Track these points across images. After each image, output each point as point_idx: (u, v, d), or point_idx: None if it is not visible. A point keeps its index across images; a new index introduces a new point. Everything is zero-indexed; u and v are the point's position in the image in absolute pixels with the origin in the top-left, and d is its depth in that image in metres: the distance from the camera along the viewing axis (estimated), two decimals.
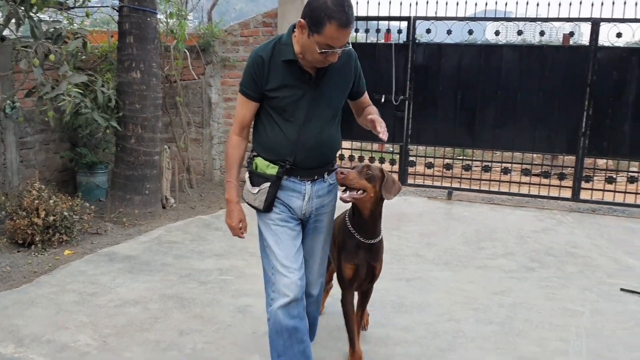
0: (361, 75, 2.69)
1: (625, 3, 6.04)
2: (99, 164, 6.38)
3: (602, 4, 6.10)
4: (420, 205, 6.66)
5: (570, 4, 6.24)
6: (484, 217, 6.19)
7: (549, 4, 6.25)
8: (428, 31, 6.75)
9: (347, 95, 2.66)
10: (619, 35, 6.12)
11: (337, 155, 2.79)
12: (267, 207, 2.54)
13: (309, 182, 2.59)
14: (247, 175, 2.61)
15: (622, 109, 6.24)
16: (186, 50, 6.76)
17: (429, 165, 7.17)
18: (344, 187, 2.62)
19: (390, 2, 6.82)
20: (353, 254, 2.85)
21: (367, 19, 7.04)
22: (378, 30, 7.04)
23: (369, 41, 7.30)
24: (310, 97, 2.48)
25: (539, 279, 4.43)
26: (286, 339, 2.53)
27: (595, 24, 6.19)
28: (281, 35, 2.50)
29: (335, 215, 2.89)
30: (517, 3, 6.46)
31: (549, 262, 4.81)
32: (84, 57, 6.02)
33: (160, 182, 5.94)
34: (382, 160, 7.29)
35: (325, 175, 2.64)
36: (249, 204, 2.60)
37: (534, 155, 6.94)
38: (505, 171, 6.86)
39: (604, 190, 6.49)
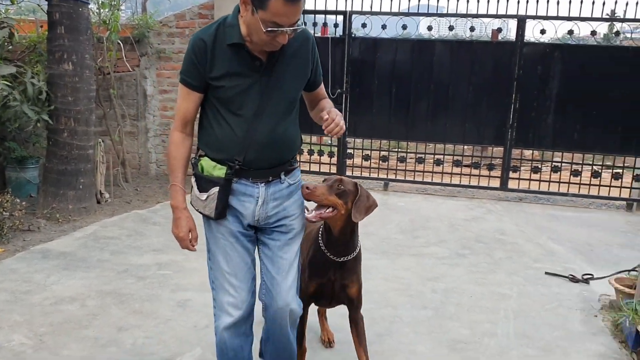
0: (319, 63, 2.39)
1: (548, 1, 6.36)
2: (30, 159, 6.16)
3: (527, 1, 6.40)
4: None
5: (498, 1, 6.53)
6: (418, 207, 6.40)
7: (478, 1, 6.51)
8: (364, 25, 6.88)
9: (306, 82, 2.34)
10: (542, 31, 6.44)
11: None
12: (219, 215, 2.24)
13: (263, 184, 2.27)
14: (193, 179, 2.29)
15: (546, 102, 6.58)
16: (120, 42, 6.62)
17: (366, 158, 7.32)
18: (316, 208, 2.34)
19: None
20: (320, 270, 2.53)
21: (304, 12, 7.08)
22: (315, 24, 7.11)
23: None
24: (262, 86, 2.16)
25: (470, 265, 4.64)
26: (231, 358, 2.39)
27: (521, 20, 6.49)
28: (226, 16, 2.17)
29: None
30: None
31: (478, 248, 5.05)
32: (10, 47, 5.80)
33: (94, 176, 5.81)
34: (321, 153, 7.39)
35: (282, 176, 2.31)
36: (199, 212, 2.29)
37: (465, 146, 7.17)
38: (438, 162, 7.10)
39: (530, 180, 6.82)
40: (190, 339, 3.25)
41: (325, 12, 7.07)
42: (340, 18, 7.02)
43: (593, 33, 6.47)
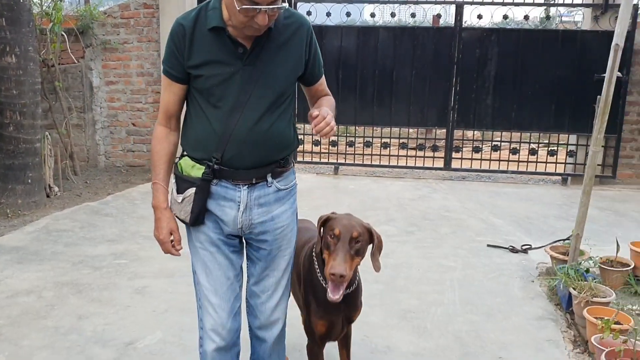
0: (317, 54, 2.13)
1: None
2: None
3: None
4: (310, 180, 6.97)
5: None
6: (367, 189, 6.62)
7: None
8: (309, 13, 7.00)
9: (298, 77, 2.10)
10: (479, 16, 6.73)
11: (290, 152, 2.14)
12: (195, 220, 2.02)
13: (246, 187, 2.02)
14: (172, 180, 2.09)
15: (485, 84, 6.89)
16: (64, 33, 6.53)
17: (316, 143, 7.48)
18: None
19: None
20: (326, 306, 2.21)
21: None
22: None
23: None
24: (244, 76, 1.94)
25: (417, 240, 4.88)
26: None
27: (459, 6, 6.76)
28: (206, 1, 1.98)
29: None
30: None
31: (425, 225, 5.29)
32: None
33: (42, 170, 5.76)
34: None
35: (269, 178, 2.05)
36: (177, 217, 2.08)
37: (410, 129, 7.43)
38: (385, 146, 7.33)
39: (472, 159, 7.14)
40: (150, 324, 3.34)
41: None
42: None
43: (526, 17, 6.81)
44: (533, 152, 7.03)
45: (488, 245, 4.76)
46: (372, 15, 7.07)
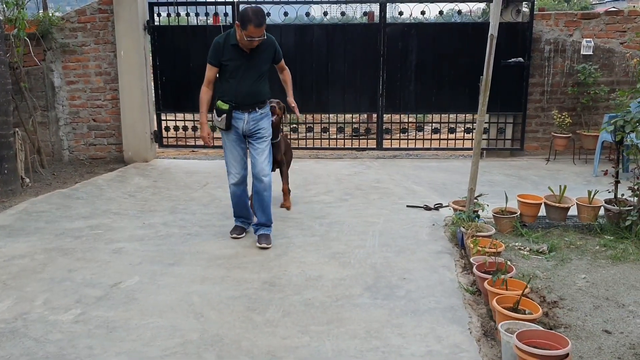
0: (278, 51, 4.67)
1: None
2: None
3: None
4: None
5: None
6: (310, 169, 7.50)
7: None
8: None
9: (271, 63, 4.63)
10: (400, 13, 7.69)
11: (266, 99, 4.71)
12: (227, 127, 4.53)
13: (247, 113, 4.54)
14: (214, 111, 4.59)
15: (407, 72, 7.86)
16: (27, 38, 7.16)
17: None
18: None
19: None
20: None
21: (196, 3, 7.94)
22: (207, 14, 7.95)
23: (200, 24, 8.18)
24: (245, 65, 4.44)
25: (350, 205, 5.79)
26: (236, 199, 4.84)
27: (383, 4, 7.70)
28: (230, 29, 4.48)
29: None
30: None
31: (358, 194, 6.22)
32: None
33: (16, 162, 6.41)
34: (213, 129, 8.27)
35: (257, 109, 4.57)
36: (218, 127, 4.61)
37: (346, 115, 8.33)
38: (325, 130, 8.22)
39: (400, 139, 8.12)
40: (129, 272, 4.13)
41: (216, 4, 7.94)
42: (229, 8, 7.91)
43: (441, 13, 7.80)
44: (452, 130, 8.06)
45: (407, 206, 5.71)
46: (307, 14, 7.94)
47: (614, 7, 10.47)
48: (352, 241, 4.73)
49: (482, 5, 8.37)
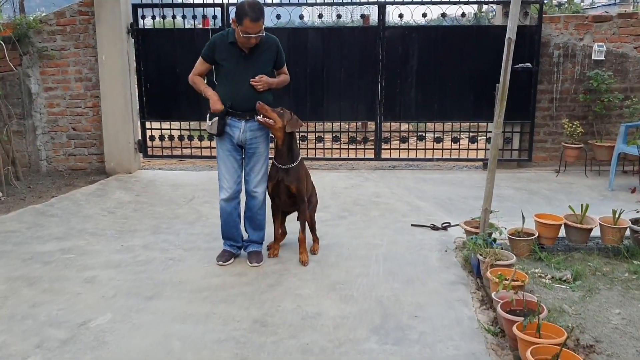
0: (281, 55, 4.23)
1: None
2: None
3: None
4: None
5: None
6: None
7: None
8: None
9: (273, 66, 4.19)
10: (400, 15, 7.23)
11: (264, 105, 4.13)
12: (219, 133, 4.08)
13: (244, 121, 4.11)
14: (207, 115, 4.13)
15: (408, 78, 7.39)
16: (2, 42, 6.64)
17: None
18: (261, 114, 4.01)
19: None
20: (272, 175, 4.27)
21: (183, 5, 7.44)
22: (194, 17, 7.47)
23: (188, 27, 7.66)
24: (243, 66, 4.03)
25: (349, 223, 5.31)
26: (226, 217, 4.32)
27: (382, 6, 7.24)
28: (229, 28, 4.06)
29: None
30: None
31: (356, 210, 5.74)
32: None
33: None
34: (201, 138, 7.77)
35: (255, 117, 4.04)
36: (209, 132, 4.17)
37: (342, 123, 7.86)
38: (319, 139, 7.74)
39: (399, 149, 7.65)
40: (101, 307, 3.62)
41: (204, 5, 7.45)
42: (218, 10, 7.43)
43: (443, 15, 7.35)
44: (455, 140, 7.60)
45: (412, 225, 5.23)
46: (301, 17, 7.46)
47: (605, 12, 10.05)
48: (354, 268, 4.24)
49: (472, 8, 7.89)
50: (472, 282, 4.00)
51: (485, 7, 8.24)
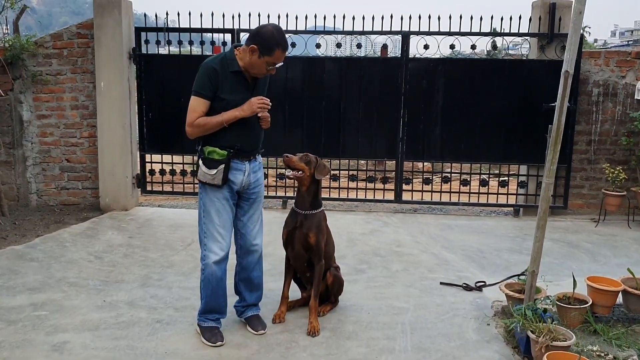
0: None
1: (430, 17, 6.58)
2: None
3: (410, 17, 6.61)
4: None
5: (383, 18, 6.67)
6: None
7: (364, 18, 6.62)
8: None
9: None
10: (426, 47, 6.64)
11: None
12: (224, 182, 3.35)
13: (247, 162, 3.46)
14: (200, 162, 3.38)
15: (433, 114, 6.77)
16: None
17: (264, 176, 7.18)
18: (288, 167, 3.61)
19: (213, 15, 6.78)
20: (289, 222, 3.75)
21: (191, 30, 6.89)
22: (202, 43, 6.93)
23: (196, 53, 7.12)
24: (249, 99, 3.33)
25: (368, 279, 4.61)
26: (215, 285, 3.44)
27: (405, 36, 6.65)
28: (225, 52, 3.37)
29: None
30: (334, 17, 6.75)
31: (376, 262, 5.04)
32: None
33: None
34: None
35: (257, 156, 3.55)
36: (206, 183, 3.37)
37: (360, 161, 7.22)
38: (334, 178, 7.09)
39: (422, 191, 6.97)
40: None
41: (213, 31, 6.92)
42: (228, 36, 6.89)
43: (473, 47, 6.75)
44: (484, 183, 6.92)
45: (441, 283, 4.54)
46: (318, 45, 6.89)
47: None
48: (376, 340, 3.52)
49: (505, 41, 7.27)
50: None
51: (500, 43, 7.61)
